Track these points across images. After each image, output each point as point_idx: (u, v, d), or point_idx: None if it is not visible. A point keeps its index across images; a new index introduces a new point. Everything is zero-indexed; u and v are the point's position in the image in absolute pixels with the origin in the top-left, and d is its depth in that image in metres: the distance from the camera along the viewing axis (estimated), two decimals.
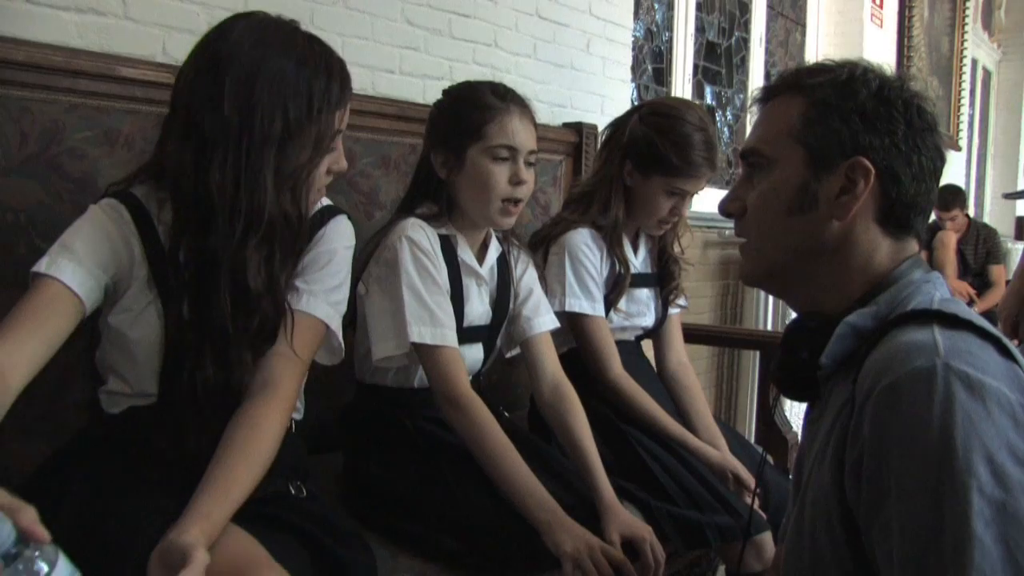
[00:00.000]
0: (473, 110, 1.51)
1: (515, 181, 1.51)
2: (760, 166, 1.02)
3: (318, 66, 1.19)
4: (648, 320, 1.98)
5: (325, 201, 1.34)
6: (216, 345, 1.16)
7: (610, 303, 1.88)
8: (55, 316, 1.11)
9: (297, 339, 1.21)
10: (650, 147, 1.80)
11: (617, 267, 1.86)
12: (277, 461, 1.16)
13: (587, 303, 1.81)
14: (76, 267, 1.13)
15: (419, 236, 1.48)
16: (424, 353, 1.46)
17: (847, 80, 0.98)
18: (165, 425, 1.19)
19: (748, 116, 4.13)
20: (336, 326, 1.29)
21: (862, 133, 0.96)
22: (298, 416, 1.38)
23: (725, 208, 1.06)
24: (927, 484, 0.79)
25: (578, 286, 1.80)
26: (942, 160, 1.00)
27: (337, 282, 1.30)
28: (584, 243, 1.82)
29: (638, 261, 1.94)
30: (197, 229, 1.15)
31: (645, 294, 1.96)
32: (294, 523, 1.16)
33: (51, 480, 1.19)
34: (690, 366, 2.04)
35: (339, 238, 1.32)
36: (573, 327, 1.83)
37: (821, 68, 1.01)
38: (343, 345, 1.33)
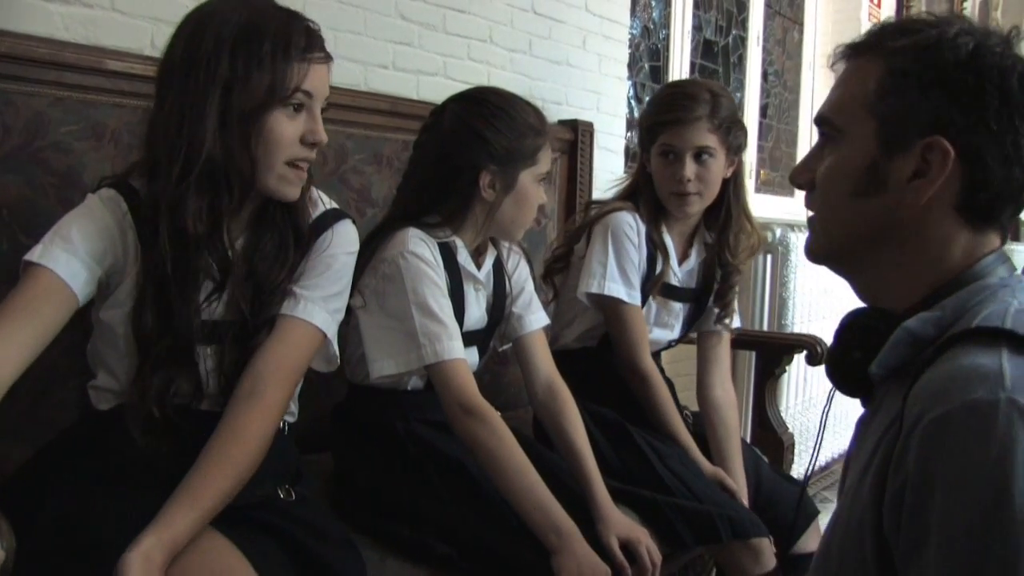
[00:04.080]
0: (528, 135, 1.51)
1: (542, 201, 1.57)
2: (831, 137, 0.91)
3: (278, 17, 1.16)
4: (674, 333, 1.93)
5: (327, 200, 1.31)
6: (168, 305, 1.14)
7: (646, 294, 1.83)
8: (47, 307, 1.09)
9: (290, 346, 1.18)
10: (643, 118, 1.83)
11: (657, 261, 1.80)
12: (266, 466, 1.14)
13: (625, 289, 1.76)
14: (70, 257, 1.11)
15: (422, 249, 1.45)
16: (436, 368, 1.42)
17: (933, 44, 0.84)
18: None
19: (745, 116, 4.11)
20: (333, 334, 1.26)
21: (944, 108, 0.83)
22: (291, 419, 1.35)
23: (794, 179, 0.97)
24: (974, 533, 0.70)
25: (617, 270, 1.76)
26: None
27: (337, 289, 1.27)
28: (628, 224, 1.77)
29: (682, 272, 1.87)
30: (146, 174, 1.16)
31: (679, 307, 1.90)
32: (280, 528, 1.14)
33: (34, 479, 1.17)
34: (734, 399, 1.92)
35: (341, 244, 1.28)
36: (608, 313, 1.79)
37: (908, 28, 0.88)
38: (338, 354, 1.31)
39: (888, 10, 5.10)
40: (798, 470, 3.18)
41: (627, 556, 1.40)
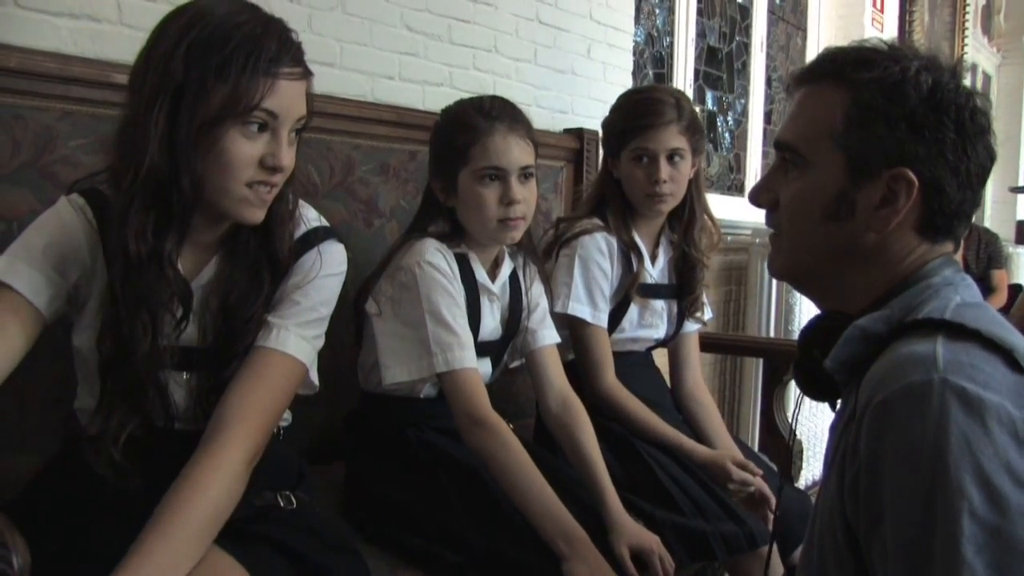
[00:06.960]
0: (459, 133, 1.49)
1: (506, 201, 1.48)
2: (795, 163, 0.96)
3: (253, 21, 1.03)
4: (660, 332, 1.94)
5: (312, 217, 1.22)
6: (129, 330, 1.05)
7: (620, 313, 1.85)
8: (7, 330, 1.02)
9: (263, 380, 1.09)
10: (612, 126, 1.84)
11: (633, 265, 1.82)
12: (261, 475, 1.09)
13: (589, 310, 1.78)
14: (33, 272, 1.05)
15: (438, 260, 1.46)
16: (447, 377, 1.43)
17: (897, 83, 0.90)
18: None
19: (749, 122, 4.11)
20: (311, 361, 1.18)
21: (908, 142, 0.89)
22: (284, 423, 1.32)
23: (756, 199, 1.02)
24: (918, 507, 0.76)
25: (584, 291, 1.77)
26: (992, 161, 0.94)
27: (315, 316, 1.18)
28: (598, 249, 1.79)
29: (655, 271, 1.89)
30: (111, 182, 1.07)
31: (660, 305, 1.92)
32: (280, 538, 1.09)
33: (37, 496, 1.15)
34: (704, 385, 2.01)
35: (321, 265, 1.18)
36: (572, 332, 1.80)
37: (869, 60, 0.93)
38: (317, 383, 1.24)
39: (891, 15, 5.10)
40: (806, 476, 3.17)
41: (640, 565, 1.39)
